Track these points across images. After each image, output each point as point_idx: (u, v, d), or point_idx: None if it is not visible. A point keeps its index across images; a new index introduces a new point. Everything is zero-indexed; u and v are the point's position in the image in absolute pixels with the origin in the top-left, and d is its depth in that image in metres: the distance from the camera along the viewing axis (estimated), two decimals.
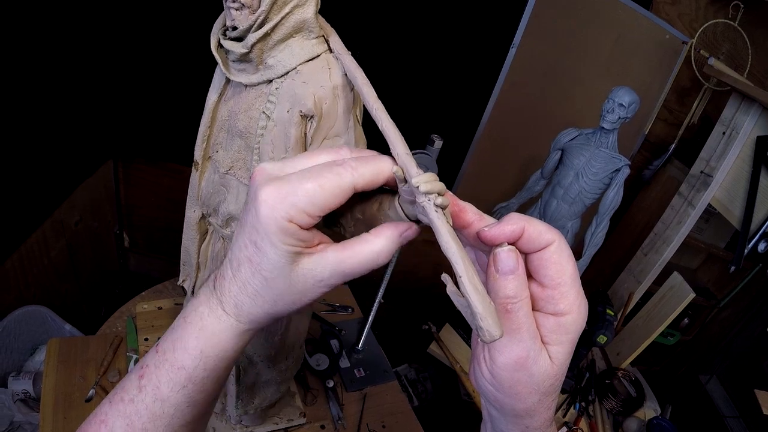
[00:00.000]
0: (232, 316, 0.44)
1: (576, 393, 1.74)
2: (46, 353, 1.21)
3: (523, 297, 0.40)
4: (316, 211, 0.39)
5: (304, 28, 0.65)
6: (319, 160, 0.42)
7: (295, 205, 0.38)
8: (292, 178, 0.39)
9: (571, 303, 0.41)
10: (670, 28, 1.97)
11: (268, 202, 0.38)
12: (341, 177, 0.39)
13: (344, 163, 0.40)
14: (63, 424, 1.07)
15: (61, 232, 1.78)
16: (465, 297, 0.45)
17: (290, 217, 0.38)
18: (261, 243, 0.40)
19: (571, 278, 0.41)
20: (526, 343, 0.40)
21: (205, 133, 0.79)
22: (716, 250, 2.35)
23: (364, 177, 0.41)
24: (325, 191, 0.38)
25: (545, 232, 0.40)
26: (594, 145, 1.49)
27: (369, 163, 0.42)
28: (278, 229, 0.38)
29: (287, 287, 0.41)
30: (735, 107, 1.73)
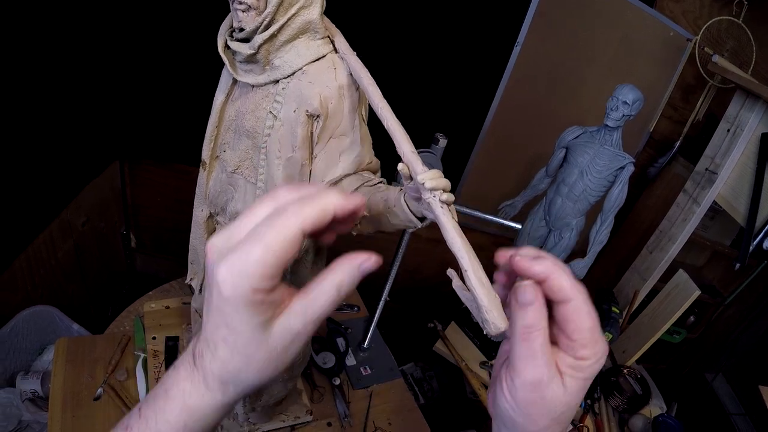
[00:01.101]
0: (217, 392, 0.43)
1: None
2: (55, 352, 1.22)
3: (540, 327, 0.42)
4: (274, 272, 0.38)
5: (310, 29, 0.66)
6: (259, 214, 0.41)
7: (252, 276, 0.37)
8: (241, 249, 0.38)
9: (589, 352, 0.43)
10: (674, 26, 1.97)
11: (228, 281, 0.38)
12: (286, 229, 0.38)
13: (285, 211, 0.39)
14: (72, 422, 1.07)
15: (69, 232, 1.79)
16: (470, 290, 0.46)
17: (253, 288, 0.38)
18: (231, 322, 0.39)
19: (590, 332, 0.43)
20: (542, 369, 0.42)
21: (213, 133, 0.80)
22: (722, 248, 2.34)
23: (310, 218, 0.40)
24: (275, 251, 0.38)
25: (567, 288, 0.42)
26: (598, 142, 1.49)
27: (313, 203, 0.41)
28: (246, 303, 0.38)
29: (268, 355, 0.41)
30: (739, 104, 1.73)
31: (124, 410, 1.11)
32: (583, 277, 1.54)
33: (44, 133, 1.54)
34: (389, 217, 0.67)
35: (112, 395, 1.14)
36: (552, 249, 1.62)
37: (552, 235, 1.63)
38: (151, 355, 1.25)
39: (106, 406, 1.12)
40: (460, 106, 1.97)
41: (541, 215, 1.64)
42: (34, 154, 1.52)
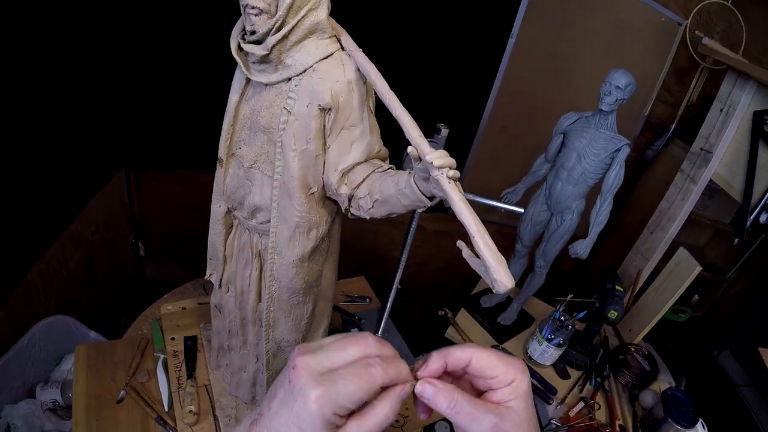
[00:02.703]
0: None
1: (591, 369, 1.77)
2: (75, 359, 1.23)
3: (457, 398, 0.49)
4: (353, 406, 0.46)
5: (318, 29, 0.70)
6: (350, 353, 0.49)
7: (340, 404, 0.45)
8: (336, 380, 0.46)
9: (514, 373, 0.51)
10: (665, 11, 2.00)
11: (319, 402, 0.45)
12: (374, 379, 0.47)
13: (376, 365, 0.48)
14: (96, 425, 1.09)
15: (79, 243, 1.81)
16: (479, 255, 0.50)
17: (335, 412, 0.45)
18: (306, 429, 0.46)
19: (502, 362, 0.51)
20: (487, 417, 0.49)
21: (228, 131, 0.84)
22: (722, 226, 2.38)
23: (389, 377, 0.48)
24: (362, 391, 0.46)
25: (460, 354, 0.51)
26: (594, 127, 1.52)
27: (395, 366, 0.50)
28: (325, 422, 0.45)
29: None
30: (731, 84, 1.76)
31: (147, 410, 1.13)
32: (586, 257, 1.58)
33: (49, 146, 1.56)
34: (400, 199, 0.71)
35: (134, 397, 1.16)
36: (555, 232, 1.65)
37: (554, 218, 1.66)
38: (171, 356, 1.27)
39: (129, 407, 1.14)
40: (460, 98, 2.01)
41: (543, 200, 1.67)
42: (40, 168, 1.54)
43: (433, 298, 2.47)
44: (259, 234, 0.91)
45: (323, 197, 0.83)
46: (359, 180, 0.76)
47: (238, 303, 1.01)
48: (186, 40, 1.72)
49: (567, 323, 1.67)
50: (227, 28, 0.77)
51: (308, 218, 0.82)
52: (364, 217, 0.79)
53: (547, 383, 1.68)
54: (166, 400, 1.17)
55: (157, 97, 1.85)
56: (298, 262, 0.87)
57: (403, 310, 1.72)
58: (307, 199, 0.80)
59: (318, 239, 0.86)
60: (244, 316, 1.02)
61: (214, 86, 1.05)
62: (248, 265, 0.95)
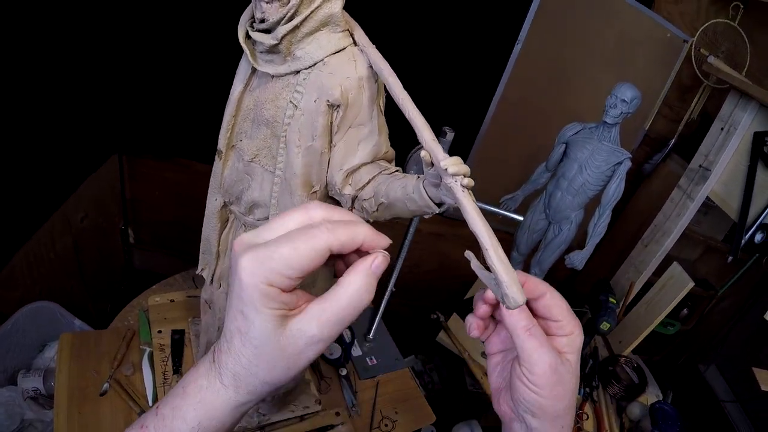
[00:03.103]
0: (230, 389, 0.44)
1: (580, 379, 1.76)
2: (59, 348, 1.20)
3: (535, 323, 0.51)
4: (293, 273, 0.40)
5: (331, 22, 0.68)
6: (292, 221, 0.44)
7: (272, 269, 0.40)
8: (269, 244, 0.41)
9: (573, 326, 0.53)
10: (671, 27, 2.00)
11: (248, 269, 0.40)
12: (316, 239, 0.41)
13: (320, 225, 0.42)
14: (78, 418, 1.06)
15: (67, 227, 1.78)
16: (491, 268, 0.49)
17: (269, 281, 0.40)
18: (246, 311, 0.41)
19: (569, 311, 0.54)
20: (552, 353, 0.50)
21: (230, 122, 0.81)
22: (714, 242, 2.38)
23: (339, 240, 0.42)
24: (300, 254, 0.40)
25: (542, 286, 0.53)
26: (597, 138, 1.51)
27: (346, 227, 0.43)
28: (260, 294, 0.40)
29: (279, 352, 0.42)
30: (733, 104, 1.76)
31: (131, 405, 1.10)
32: (582, 268, 1.57)
33: (42, 128, 1.53)
34: (407, 203, 0.69)
35: (118, 390, 1.13)
36: (552, 241, 1.65)
37: (552, 227, 1.65)
38: (157, 349, 1.24)
39: (112, 401, 1.11)
40: (462, 101, 1.99)
41: (541, 208, 1.66)
42: (32, 149, 1.51)
43: (425, 299, 2.45)
44: None
45: (325, 196, 0.81)
46: (364, 181, 0.74)
47: None
48: (192, 25, 1.69)
49: None
50: (234, 13, 0.74)
51: None
52: (367, 220, 0.77)
53: None
54: (150, 395, 1.14)
55: (154, 82, 1.82)
56: None
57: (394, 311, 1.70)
58: (309, 197, 0.77)
59: None
60: None
61: (217, 73, 1.02)
62: None
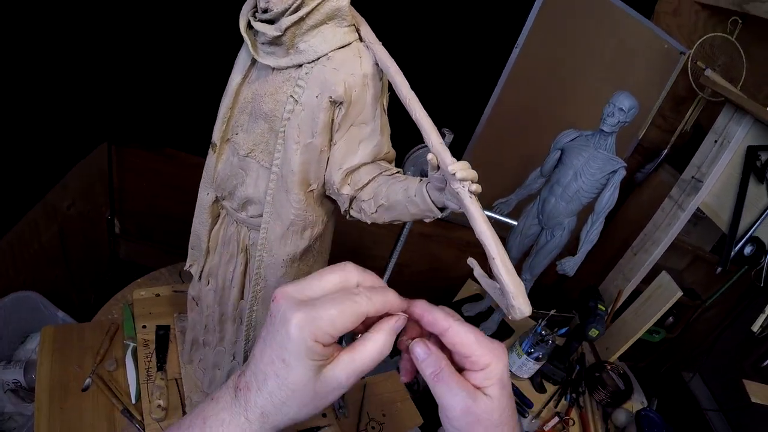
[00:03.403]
0: (254, 423, 0.47)
1: (567, 384, 1.78)
2: (40, 341, 1.17)
3: (442, 367, 0.50)
4: (336, 333, 0.46)
5: (338, 16, 0.66)
6: (330, 281, 0.49)
7: (320, 328, 0.45)
8: (317, 305, 0.46)
9: (489, 358, 0.50)
10: (669, 39, 2.01)
11: (299, 325, 0.44)
12: (358, 306, 0.47)
13: (360, 293, 0.48)
14: (59, 413, 1.03)
15: (53, 216, 1.74)
16: (497, 278, 0.47)
17: (316, 338, 0.45)
18: (289, 359, 0.45)
19: (477, 344, 0.51)
20: (462, 395, 0.49)
21: (226, 115, 0.79)
22: (702, 253, 2.41)
23: (375, 306, 0.48)
24: (345, 317, 0.46)
25: (441, 320, 0.51)
26: (593, 146, 1.51)
27: (380, 295, 0.49)
28: (306, 348, 0.45)
29: (311, 396, 0.47)
30: (728, 117, 1.78)
31: (113, 401, 1.08)
32: (573, 274, 1.57)
33: (31, 114, 1.50)
34: (408, 206, 0.67)
35: (101, 386, 1.10)
36: (544, 247, 1.64)
37: (544, 233, 1.65)
38: (141, 345, 1.21)
39: (94, 397, 1.08)
40: (458, 103, 1.99)
41: (535, 214, 1.66)
42: (20, 135, 1.47)
43: None
44: (248, 228, 0.86)
45: (322, 195, 0.79)
46: (364, 182, 0.72)
47: (218, 298, 0.96)
48: (190, 12, 1.65)
49: (548, 338, 1.66)
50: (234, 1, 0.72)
51: (304, 216, 0.78)
52: (364, 221, 0.75)
53: (524, 396, 1.68)
54: (133, 392, 1.11)
55: (148, 70, 1.79)
56: (288, 262, 0.82)
57: None
58: (306, 196, 0.75)
59: (312, 239, 0.81)
60: (223, 312, 0.97)
61: (214, 63, 1.00)
62: (233, 259, 0.90)
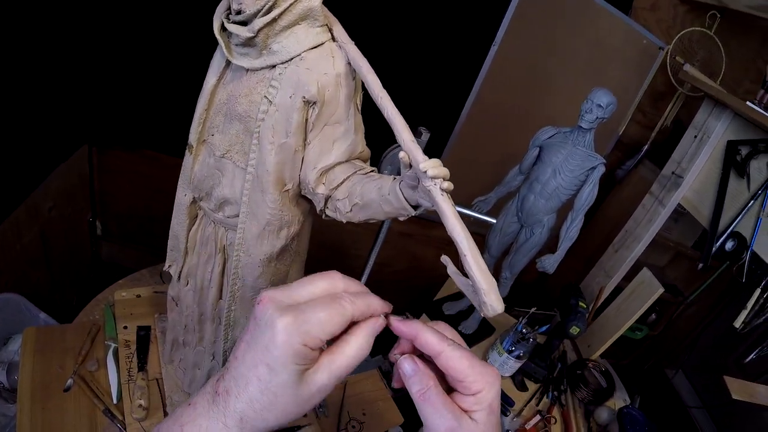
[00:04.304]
0: (233, 429, 0.46)
1: (549, 383, 1.78)
2: (22, 343, 1.17)
3: (430, 386, 0.49)
4: (325, 337, 0.46)
5: (310, 16, 0.66)
6: (318, 287, 0.50)
7: (308, 333, 0.45)
8: (306, 309, 0.46)
9: (481, 384, 0.49)
10: (647, 34, 2.02)
11: (287, 330, 0.44)
12: (345, 309, 0.47)
13: (344, 297, 0.48)
14: (41, 414, 1.03)
15: (35, 218, 1.73)
16: (469, 275, 0.48)
17: (305, 342, 0.44)
18: (274, 365, 0.45)
19: (470, 370, 0.49)
20: (447, 417, 0.48)
21: (202, 116, 0.79)
22: (684, 249, 2.43)
23: (360, 310, 0.49)
24: (333, 321, 0.46)
25: (434, 343, 0.50)
26: (571, 143, 1.52)
27: (364, 300, 0.50)
28: (293, 352, 0.44)
29: (293, 400, 0.46)
30: (707, 112, 1.79)
31: (94, 401, 1.08)
32: (553, 272, 1.58)
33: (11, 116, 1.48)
34: (382, 205, 0.68)
35: (82, 386, 1.11)
36: (523, 244, 1.65)
37: (523, 231, 1.65)
38: (123, 345, 1.21)
39: (76, 397, 1.09)
40: (436, 102, 1.99)
41: (514, 211, 1.66)
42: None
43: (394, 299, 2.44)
44: (225, 228, 0.86)
45: (298, 195, 0.79)
46: (339, 181, 0.73)
47: (197, 298, 0.96)
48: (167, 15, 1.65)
49: (528, 336, 1.67)
50: (210, 3, 0.72)
51: (280, 216, 0.78)
52: (340, 220, 0.75)
53: (505, 395, 1.68)
54: (115, 392, 1.11)
55: (127, 73, 1.78)
56: (265, 262, 0.83)
57: None
58: (281, 196, 0.76)
59: (288, 239, 0.82)
60: (202, 312, 0.97)
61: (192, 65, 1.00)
62: (211, 259, 0.90)
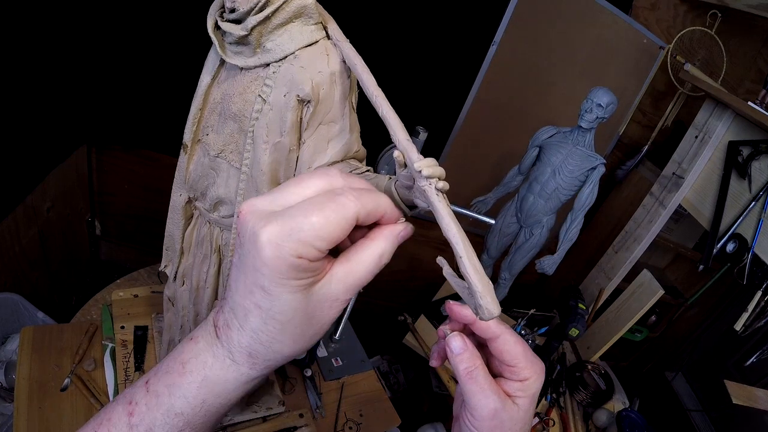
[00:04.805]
0: (243, 366, 0.41)
1: (547, 385, 1.77)
2: (20, 342, 1.17)
3: (478, 365, 0.49)
4: (324, 245, 0.37)
5: (304, 14, 0.65)
6: (310, 187, 0.41)
7: (302, 241, 0.36)
8: (293, 213, 0.37)
9: (530, 372, 0.49)
10: (648, 33, 2.02)
11: (273, 242, 0.36)
12: (345, 208, 0.38)
13: (344, 192, 0.39)
14: (38, 413, 1.04)
15: (33, 218, 1.73)
16: (465, 277, 0.47)
17: (299, 254, 0.36)
18: (270, 286, 0.37)
19: (524, 356, 0.50)
20: (493, 398, 0.48)
21: (196, 116, 0.78)
22: (684, 250, 2.42)
23: (366, 208, 0.40)
24: (331, 223, 0.37)
25: (494, 327, 0.50)
26: (571, 143, 1.51)
27: (370, 195, 0.41)
28: (288, 267, 0.36)
29: (305, 322, 0.40)
30: (708, 112, 1.78)
31: (91, 401, 1.08)
32: (552, 273, 1.57)
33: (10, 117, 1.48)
34: None
35: (79, 386, 1.11)
36: (522, 245, 1.64)
37: (523, 231, 1.65)
38: (120, 345, 1.22)
39: (73, 396, 1.09)
40: (436, 101, 1.98)
41: (513, 212, 1.66)
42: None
43: (392, 300, 2.44)
44: (220, 228, 0.86)
45: None
46: None
47: (192, 298, 0.96)
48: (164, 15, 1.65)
49: (528, 337, 1.67)
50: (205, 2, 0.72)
51: None
52: None
53: None
54: (112, 392, 1.12)
55: (125, 73, 1.78)
56: None
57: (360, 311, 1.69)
58: None
59: None
60: (198, 312, 0.97)
61: (188, 64, 1.00)
62: (206, 259, 0.90)
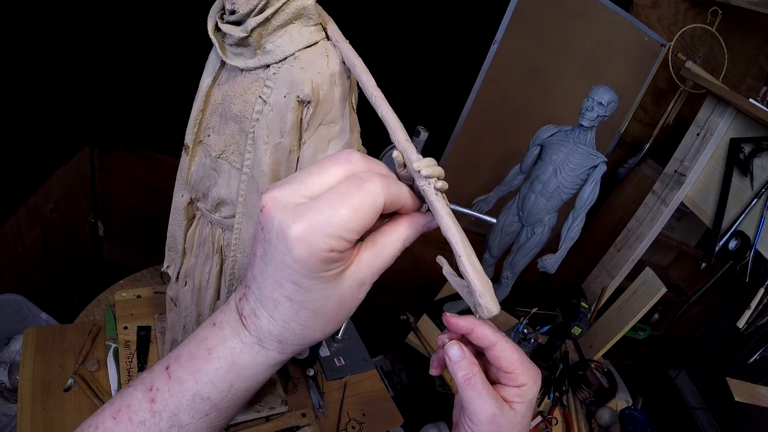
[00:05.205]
0: (273, 351, 0.43)
1: (550, 383, 1.77)
2: (23, 342, 1.18)
3: (476, 372, 0.49)
4: (354, 237, 0.38)
5: (304, 15, 0.65)
6: (333, 174, 0.40)
7: (333, 236, 0.36)
8: (320, 207, 0.37)
9: (527, 378, 0.50)
10: (649, 31, 2.01)
11: (304, 239, 0.36)
12: (373, 196, 0.38)
13: (370, 178, 0.39)
14: (42, 414, 1.04)
15: (36, 219, 1.74)
16: (464, 276, 0.47)
17: (331, 248, 0.37)
18: (302, 281, 0.38)
19: (520, 363, 0.50)
20: (491, 403, 0.48)
21: (197, 117, 0.79)
22: (687, 248, 2.42)
23: (391, 195, 0.40)
24: (360, 214, 0.37)
25: (490, 335, 0.50)
26: (572, 141, 1.51)
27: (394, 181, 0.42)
28: (320, 262, 0.37)
29: (338, 307, 0.42)
30: (710, 110, 1.78)
31: (95, 401, 1.08)
32: (554, 272, 1.57)
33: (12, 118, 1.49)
34: None
35: (83, 386, 1.11)
36: (524, 244, 1.64)
37: (525, 230, 1.65)
38: (123, 345, 1.22)
39: (76, 397, 1.09)
40: (437, 101, 1.98)
41: (515, 211, 1.66)
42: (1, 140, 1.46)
43: (395, 299, 2.44)
44: (222, 228, 0.86)
45: None
46: None
47: (195, 298, 0.96)
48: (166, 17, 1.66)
49: (530, 336, 1.67)
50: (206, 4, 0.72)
51: None
52: None
53: None
54: (114, 392, 1.12)
55: (127, 74, 1.79)
56: None
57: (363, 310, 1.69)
58: None
59: None
60: (200, 313, 0.97)
61: (189, 66, 1.00)
62: (208, 260, 0.90)
